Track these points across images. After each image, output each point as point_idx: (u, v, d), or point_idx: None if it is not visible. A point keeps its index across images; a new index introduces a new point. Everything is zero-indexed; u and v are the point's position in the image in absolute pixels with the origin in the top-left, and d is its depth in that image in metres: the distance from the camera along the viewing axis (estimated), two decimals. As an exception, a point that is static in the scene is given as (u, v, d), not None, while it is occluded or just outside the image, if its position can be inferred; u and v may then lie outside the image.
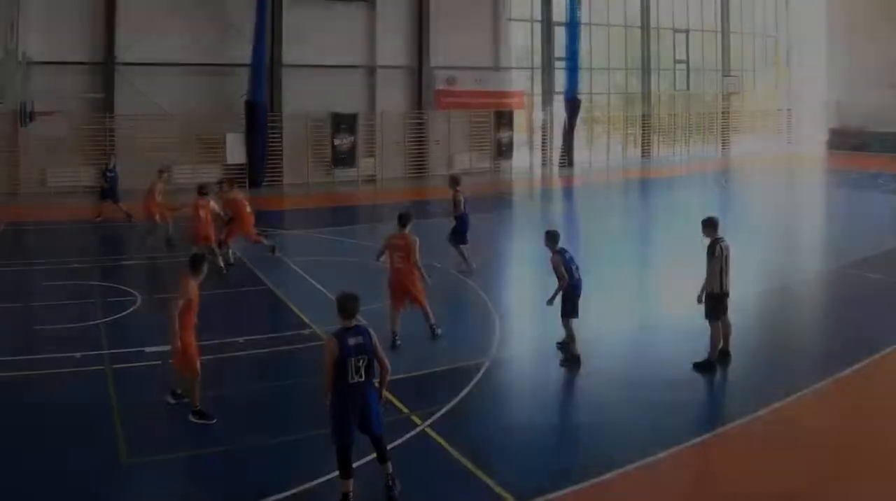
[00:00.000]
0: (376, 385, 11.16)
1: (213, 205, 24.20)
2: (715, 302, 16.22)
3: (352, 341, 10.74)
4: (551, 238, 16.92)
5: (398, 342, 17.11)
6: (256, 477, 11.70)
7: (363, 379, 10.75)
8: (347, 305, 10.97)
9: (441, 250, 24.47)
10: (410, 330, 17.90)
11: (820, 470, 12.17)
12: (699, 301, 16.42)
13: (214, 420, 13.77)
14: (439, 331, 17.94)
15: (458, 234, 25.00)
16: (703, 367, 16.10)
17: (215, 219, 24.44)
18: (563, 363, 16.62)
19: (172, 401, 14.55)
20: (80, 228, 31.32)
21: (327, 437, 10.94)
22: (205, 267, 14.43)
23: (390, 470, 11.10)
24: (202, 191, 24.57)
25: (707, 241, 16.41)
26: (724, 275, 16.16)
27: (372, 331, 11.06)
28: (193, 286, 14.06)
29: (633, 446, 12.57)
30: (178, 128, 43.45)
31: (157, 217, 28.37)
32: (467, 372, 15.77)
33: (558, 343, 17.16)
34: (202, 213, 23.80)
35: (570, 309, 16.64)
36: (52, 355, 16.62)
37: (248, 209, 25.68)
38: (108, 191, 34.20)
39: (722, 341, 16.39)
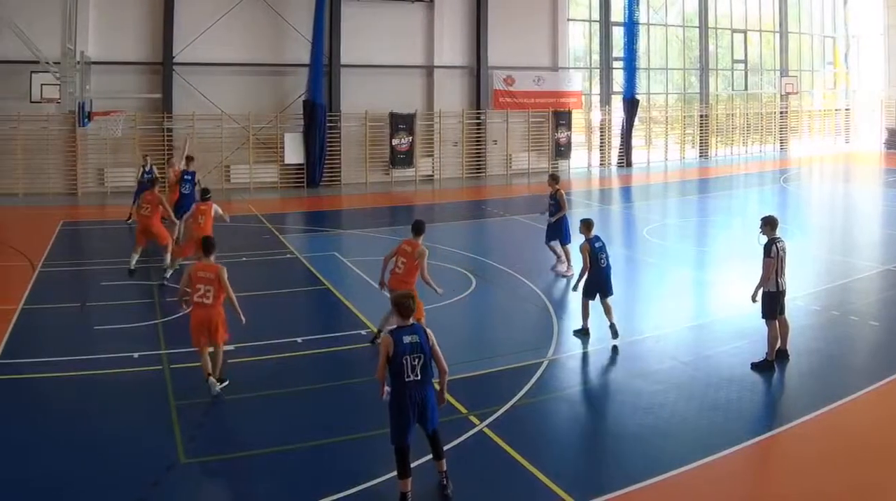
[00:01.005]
0: (436, 386, 10.91)
1: (216, 208, 22.36)
2: (772, 300, 15.79)
3: (407, 339, 10.46)
4: (586, 225, 17.31)
5: (378, 341, 16.13)
6: (314, 477, 11.40)
7: (419, 378, 10.48)
8: (403, 303, 10.68)
9: (498, 249, 24.89)
10: (469, 330, 17.99)
11: (865, 477, 11.53)
12: (753, 299, 16.06)
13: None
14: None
15: (563, 233, 23.53)
16: (761, 367, 15.63)
17: (217, 221, 22.56)
18: (576, 332, 17.37)
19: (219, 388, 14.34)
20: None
21: (389, 436, 10.60)
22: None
23: (444, 468, 10.88)
24: (205, 194, 23.07)
25: (764, 240, 16.00)
26: (779, 275, 15.79)
27: (429, 332, 10.73)
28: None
29: (691, 446, 12.20)
30: (236, 128, 42.74)
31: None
32: (525, 371, 15.28)
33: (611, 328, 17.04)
34: (201, 219, 21.83)
35: (589, 292, 17.08)
36: (110, 355, 16.11)
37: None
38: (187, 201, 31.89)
39: (779, 340, 15.94)
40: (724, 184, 47.43)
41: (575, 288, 17.44)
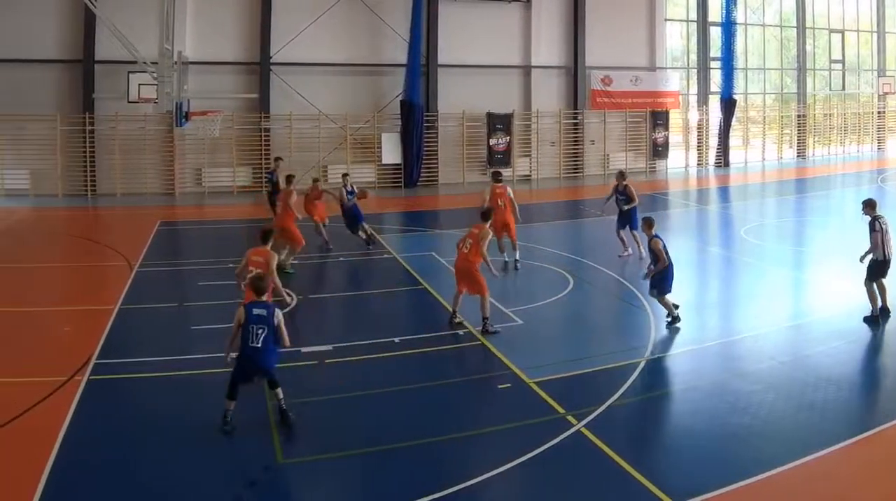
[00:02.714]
0: None
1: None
2: (878, 267, 17.01)
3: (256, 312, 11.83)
4: (648, 224, 17.22)
5: (455, 320, 16.95)
6: (410, 478, 10.92)
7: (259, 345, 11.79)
8: (255, 284, 12.28)
9: (596, 249, 24.36)
10: (566, 330, 17.55)
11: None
12: (861, 260, 17.28)
13: None
14: (492, 329, 16.57)
15: (633, 221, 23.95)
16: (870, 320, 16.97)
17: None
18: (669, 323, 17.02)
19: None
20: (235, 228, 28.40)
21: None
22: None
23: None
24: (289, 180, 23.56)
25: (868, 219, 17.28)
26: (885, 245, 16.94)
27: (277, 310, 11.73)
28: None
29: (789, 446, 11.61)
30: (333, 128, 40.40)
31: (317, 217, 25.27)
32: (623, 371, 14.60)
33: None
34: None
35: (667, 288, 16.92)
36: (207, 355, 15.05)
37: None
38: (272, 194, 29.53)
39: (880, 298, 17.05)
40: (821, 184, 44.52)
41: (645, 278, 17.38)
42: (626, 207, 24.18)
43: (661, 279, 16.73)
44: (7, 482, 10.52)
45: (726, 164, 50.23)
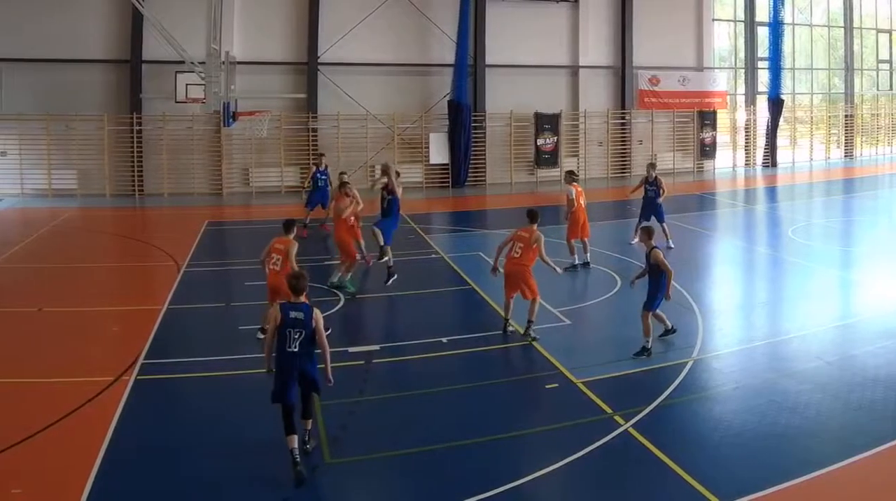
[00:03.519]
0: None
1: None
2: None
3: (293, 314, 10.60)
4: (647, 233, 15.74)
5: (510, 329, 16.20)
6: (457, 478, 10.53)
7: (297, 350, 10.62)
8: (290, 282, 11.02)
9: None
10: (614, 330, 17.04)
11: None
12: None
13: None
14: (533, 334, 15.84)
15: (660, 212, 24.73)
16: None
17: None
18: (637, 353, 15.09)
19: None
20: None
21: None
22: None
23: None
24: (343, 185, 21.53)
25: None
26: None
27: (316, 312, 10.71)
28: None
29: (836, 446, 11.24)
30: (381, 128, 39.10)
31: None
32: (670, 371, 14.24)
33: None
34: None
35: (654, 304, 15.31)
36: (255, 355, 14.66)
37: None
38: (317, 195, 28.18)
39: None
40: (869, 184, 42.97)
41: (668, 298, 15.37)
42: (659, 200, 24.50)
43: (654, 293, 15.34)
44: (56, 478, 10.39)
45: (773, 164, 48.57)
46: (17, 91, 34.85)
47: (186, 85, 32.71)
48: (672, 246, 23.82)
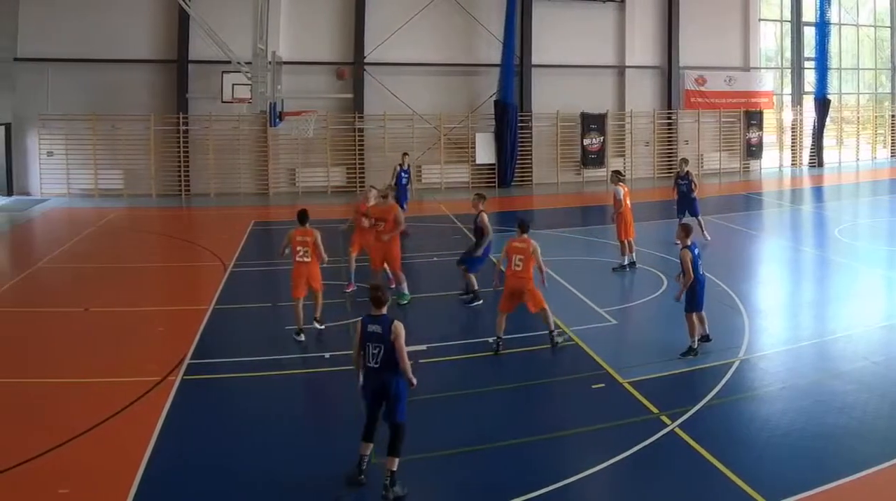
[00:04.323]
0: None
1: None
2: None
3: (371, 328, 10.05)
4: (685, 231, 15.11)
5: (500, 347, 14.98)
6: (502, 478, 10.25)
7: (377, 365, 10.09)
8: (373, 295, 10.35)
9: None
10: (660, 330, 16.50)
11: None
12: None
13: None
14: (559, 339, 15.21)
15: (694, 207, 24.76)
16: None
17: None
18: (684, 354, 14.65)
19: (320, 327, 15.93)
20: (330, 228, 26.19)
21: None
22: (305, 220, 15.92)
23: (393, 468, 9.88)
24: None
25: None
26: None
27: (396, 324, 10.09)
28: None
29: (883, 446, 10.84)
30: (427, 128, 37.82)
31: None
32: (717, 371, 13.89)
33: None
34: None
35: (694, 305, 14.76)
36: (301, 355, 15.20)
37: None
38: (399, 194, 26.14)
39: None
40: None
41: (678, 299, 15.00)
42: (692, 194, 24.55)
43: (689, 295, 14.86)
44: (103, 479, 10.19)
45: (820, 164, 46.83)
46: (63, 91, 34.16)
47: (233, 85, 31.58)
48: (708, 238, 23.98)
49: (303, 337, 15.58)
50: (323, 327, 16.00)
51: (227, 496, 9.96)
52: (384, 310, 10.26)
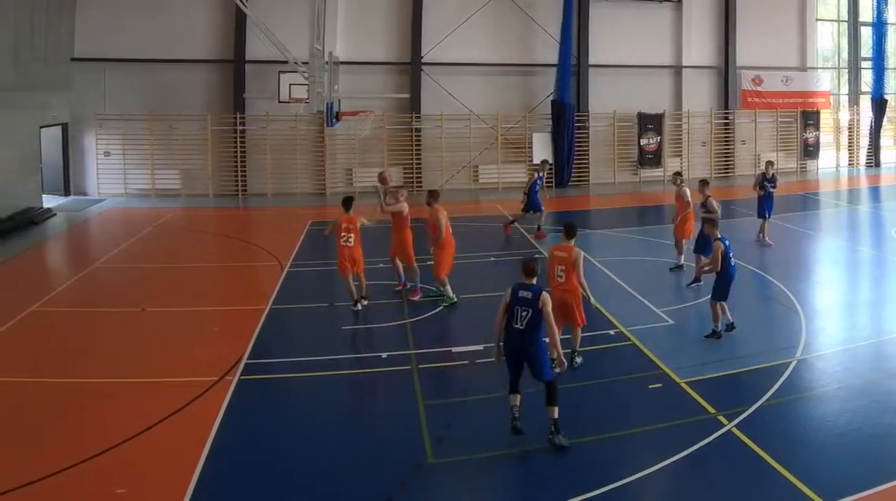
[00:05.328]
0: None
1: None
2: None
3: (522, 293, 10.53)
4: (712, 224, 15.56)
5: (577, 360, 13.81)
6: (560, 478, 10.00)
7: (523, 327, 10.65)
8: (526, 266, 10.92)
9: (747, 250, 22.56)
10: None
11: None
12: None
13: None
14: (578, 361, 13.79)
15: (769, 208, 24.03)
16: None
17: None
18: (708, 336, 14.88)
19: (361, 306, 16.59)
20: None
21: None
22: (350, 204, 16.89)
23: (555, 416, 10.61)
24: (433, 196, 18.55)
25: None
26: None
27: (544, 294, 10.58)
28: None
29: None
30: (484, 128, 36.26)
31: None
32: (774, 371, 13.22)
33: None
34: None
35: (720, 294, 14.83)
36: (358, 355, 15.05)
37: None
38: (531, 201, 25.52)
39: None
40: None
41: (690, 285, 16.25)
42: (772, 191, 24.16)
43: (716, 285, 15.02)
44: (160, 478, 9.98)
45: (877, 164, 44.64)
46: (120, 91, 33.22)
47: (290, 85, 30.66)
48: (770, 243, 23.47)
49: (359, 307, 16.51)
50: (367, 303, 16.76)
51: (284, 496, 9.70)
52: (534, 280, 10.70)
